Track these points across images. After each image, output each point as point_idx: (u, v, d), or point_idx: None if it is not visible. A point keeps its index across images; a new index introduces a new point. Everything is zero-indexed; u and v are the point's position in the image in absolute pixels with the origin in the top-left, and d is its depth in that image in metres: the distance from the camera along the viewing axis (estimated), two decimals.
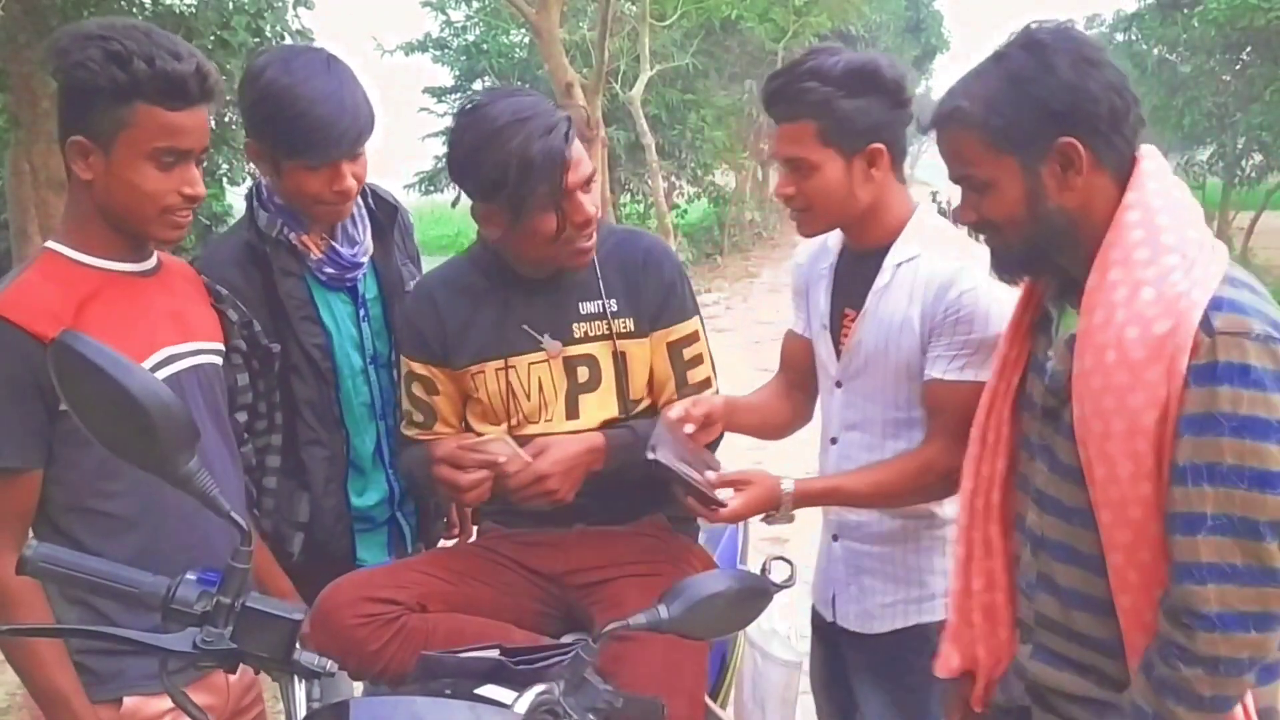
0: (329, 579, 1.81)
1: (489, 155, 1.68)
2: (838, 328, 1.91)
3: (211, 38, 7.44)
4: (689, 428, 1.75)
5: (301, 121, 1.77)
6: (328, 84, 1.79)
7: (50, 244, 1.55)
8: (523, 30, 17.96)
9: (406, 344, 1.93)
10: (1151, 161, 1.37)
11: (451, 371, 1.88)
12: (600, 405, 1.85)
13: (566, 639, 1.85)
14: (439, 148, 20.10)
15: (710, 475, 1.73)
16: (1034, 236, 1.41)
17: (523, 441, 1.80)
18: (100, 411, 1.16)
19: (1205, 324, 1.25)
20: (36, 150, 7.12)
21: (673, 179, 19.72)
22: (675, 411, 1.75)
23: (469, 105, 1.77)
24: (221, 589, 1.21)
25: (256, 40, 7.86)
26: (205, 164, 1.64)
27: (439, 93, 20.19)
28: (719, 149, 20.08)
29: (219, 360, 1.70)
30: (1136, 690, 1.34)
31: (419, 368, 1.90)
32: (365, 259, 2.00)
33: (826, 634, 2.03)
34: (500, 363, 1.84)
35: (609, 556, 1.86)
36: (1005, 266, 1.50)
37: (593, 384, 1.85)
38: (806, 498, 1.79)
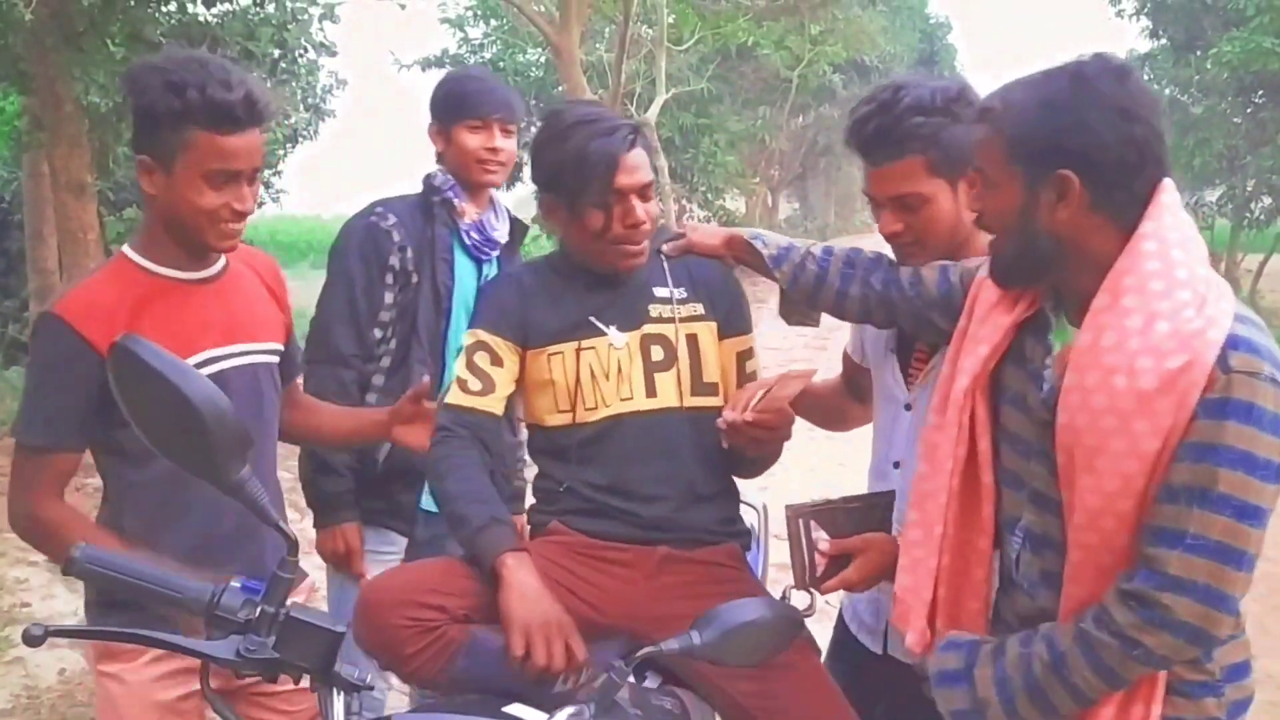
0: (396, 503, 2.34)
1: (554, 147, 1.84)
2: (908, 350, 1.92)
3: (236, 49, 7.50)
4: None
5: (466, 88, 2.42)
6: (486, 74, 2.59)
7: (125, 248, 1.71)
8: (539, 49, 18.07)
9: (484, 318, 1.93)
10: (1168, 195, 1.42)
11: (523, 351, 1.89)
12: (675, 384, 1.88)
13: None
14: None
15: (824, 545, 1.74)
16: (1020, 250, 1.46)
17: (602, 426, 1.84)
18: (156, 415, 1.18)
19: (1222, 361, 1.31)
20: (58, 153, 7.11)
21: (683, 202, 19.78)
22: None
23: (552, 109, 1.97)
24: (266, 598, 1.22)
25: (280, 52, 7.92)
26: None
27: None
28: (730, 174, 20.14)
29: (271, 359, 1.82)
30: (1059, 628, 1.42)
31: (489, 338, 1.89)
32: (501, 241, 2.45)
33: (864, 667, 2.00)
34: (576, 344, 1.87)
35: (678, 607, 1.72)
36: (997, 270, 1.52)
37: (667, 363, 1.88)
38: None
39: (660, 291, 1.91)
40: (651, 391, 1.86)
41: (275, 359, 1.83)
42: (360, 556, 2.34)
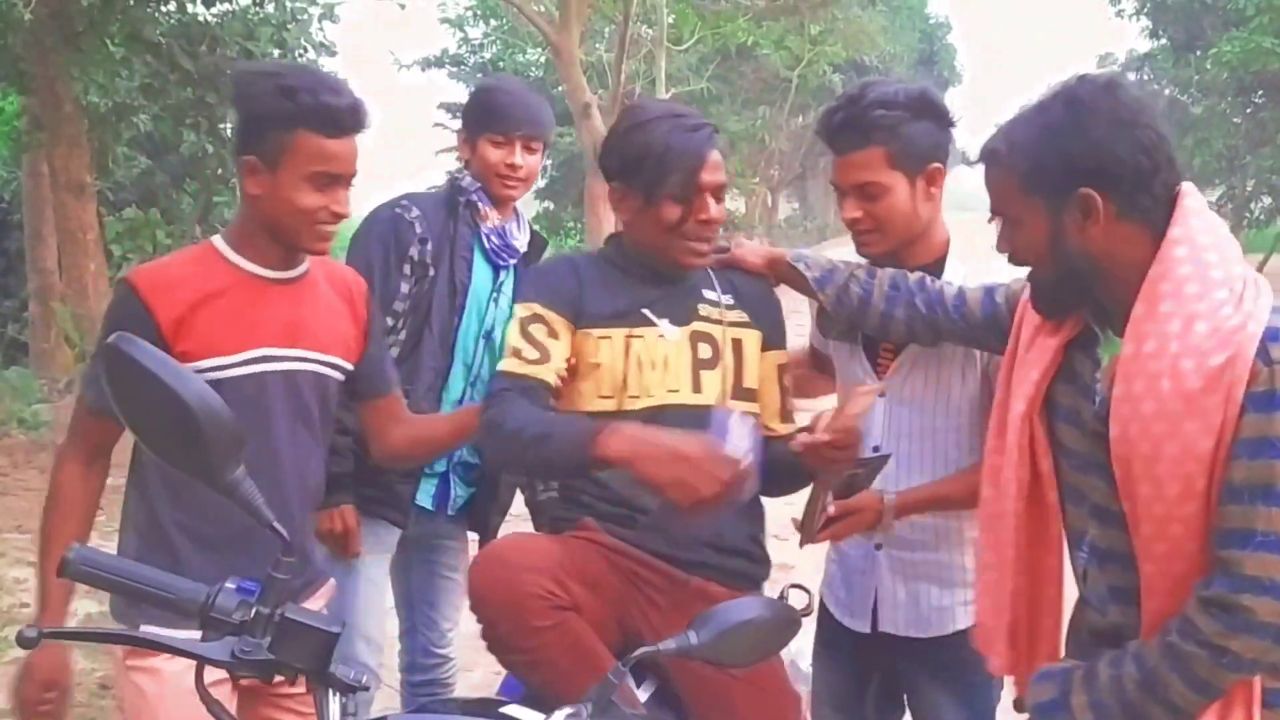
0: (394, 493, 2.35)
1: (638, 137, 1.85)
2: (873, 343, 1.98)
3: (236, 49, 7.51)
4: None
5: (494, 102, 2.43)
6: (518, 87, 2.54)
7: (215, 237, 1.79)
8: (539, 49, 18.09)
9: (538, 291, 1.91)
10: (1193, 199, 1.45)
11: (574, 330, 1.87)
12: (719, 384, 1.88)
13: None
14: (451, 163, 20.20)
15: (831, 508, 1.84)
16: (1058, 275, 1.49)
17: (644, 415, 1.80)
18: (150, 416, 1.17)
19: (1263, 354, 1.33)
20: (58, 153, 7.13)
21: None
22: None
23: (632, 103, 2.02)
24: (261, 599, 1.21)
25: (280, 52, 7.93)
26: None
27: (454, 109, 20.33)
28: (730, 174, 20.18)
29: (331, 373, 1.82)
30: (1146, 645, 1.43)
31: (545, 311, 1.86)
32: (520, 251, 2.48)
33: (856, 647, 2.03)
34: (627, 331, 1.86)
35: None
36: (1040, 300, 1.57)
37: (713, 362, 1.89)
38: (907, 508, 1.88)
39: (709, 294, 1.93)
40: (697, 387, 1.87)
41: (336, 373, 1.82)
42: (357, 537, 2.36)
